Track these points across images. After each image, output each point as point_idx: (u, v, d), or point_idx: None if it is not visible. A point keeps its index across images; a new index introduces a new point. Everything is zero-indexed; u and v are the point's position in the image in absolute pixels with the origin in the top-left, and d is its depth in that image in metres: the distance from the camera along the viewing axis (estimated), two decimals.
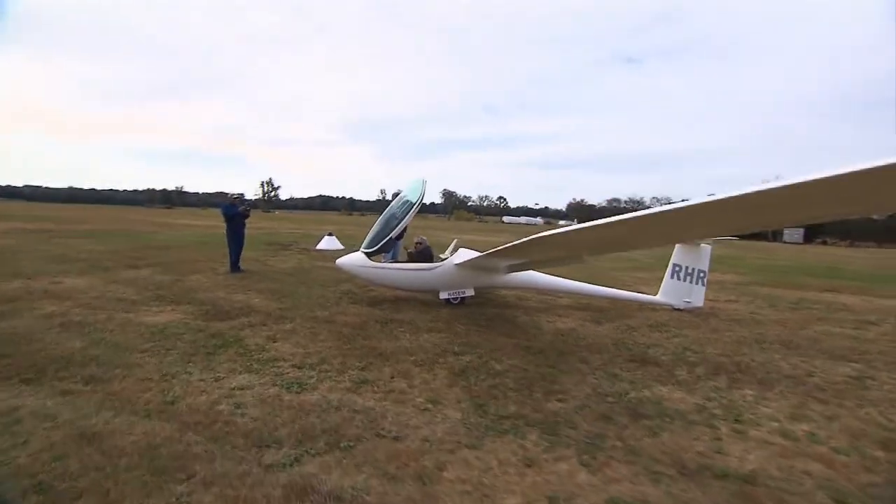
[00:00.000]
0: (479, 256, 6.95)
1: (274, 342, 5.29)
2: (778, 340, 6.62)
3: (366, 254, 7.72)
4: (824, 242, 66.15)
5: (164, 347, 4.89)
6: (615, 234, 4.69)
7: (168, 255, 12.60)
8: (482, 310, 7.71)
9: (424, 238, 7.94)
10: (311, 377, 4.33)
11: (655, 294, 8.42)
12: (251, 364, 4.56)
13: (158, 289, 7.87)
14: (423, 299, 8.17)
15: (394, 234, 7.68)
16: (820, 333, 7.22)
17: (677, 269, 8.35)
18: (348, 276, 9.29)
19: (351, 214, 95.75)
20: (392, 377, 4.48)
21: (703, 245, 8.44)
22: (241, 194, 12.04)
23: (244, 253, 10.69)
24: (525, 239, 4.95)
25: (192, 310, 6.56)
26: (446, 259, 7.76)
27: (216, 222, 34.22)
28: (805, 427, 3.93)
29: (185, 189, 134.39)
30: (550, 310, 8.08)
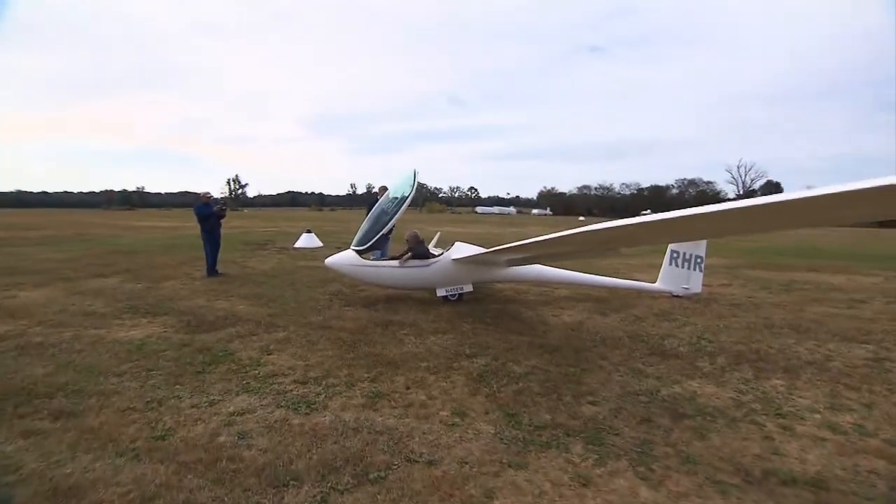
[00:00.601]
0: (498, 249, 6.39)
1: (269, 354, 4.78)
2: (785, 325, 6.53)
3: (357, 252, 7.24)
4: None
5: (144, 368, 4.31)
6: (674, 228, 4.32)
7: (136, 260, 11.66)
8: (483, 306, 7.36)
9: (416, 232, 7.50)
10: (319, 394, 3.87)
11: (653, 281, 8.27)
12: (248, 382, 4.06)
13: (130, 299, 7.16)
14: (418, 297, 7.76)
15: (385, 230, 7.22)
16: (821, 315, 7.19)
17: (675, 255, 8.20)
18: (336, 276, 8.80)
19: (321, 210, 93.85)
20: (407, 388, 4.07)
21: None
22: (218, 198, 11.23)
23: (220, 254, 9.99)
24: (574, 231, 4.36)
25: (172, 321, 5.94)
26: (442, 254, 7.36)
27: (184, 223, 32.94)
28: (848, 418, 3.75)
29: (147, 189, 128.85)
30: (552, 302, 7.80)
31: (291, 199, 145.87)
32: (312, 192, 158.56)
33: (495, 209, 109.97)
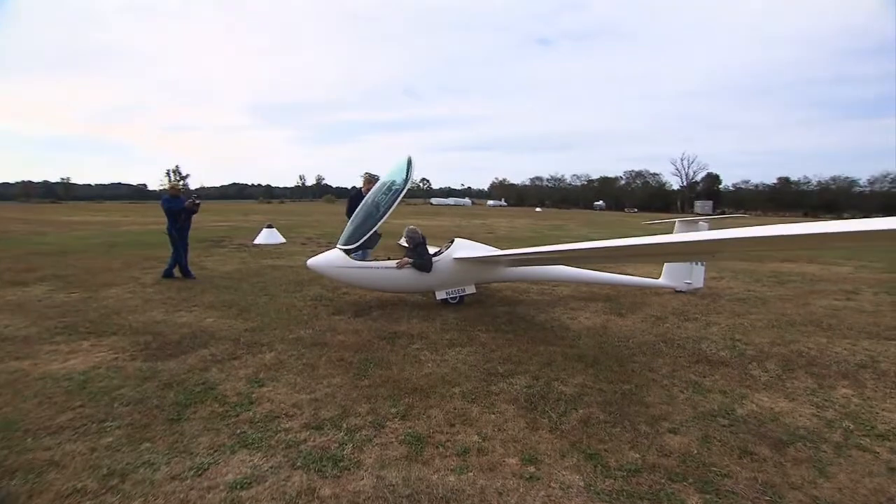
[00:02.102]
0: (542, 252, 5.57)
1: (261, 386, 3.78)
2: (806, 321, 6.26)
3: (346, 251, 6.28)
4: (723, 212, 72.77)
5: (93, 419, 3.18)
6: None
7: (66, 263, 9.80)
8: (490, 309, 6.61)
9: (416, 228, 6.62)
10: (343, 443, 2.97)
11: (654, 276, 7.89)
12: (244, 431, 3.08)
13: (64, 315, 5.78)
14: (414, 301, 6.90)
15: (377, 226, 6.30)
16: (829, 309, 7.03)
17: None
18: (313, 277, 7.78)
19: (270, 202, 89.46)
20: (451, 425, 3.26)
21: (700, 223, 8.01)
22: (191, 190, 9.70)
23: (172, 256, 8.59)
24: (655, 241, 3.70)
25: (124, 344, 4.74)
26: (440, 252, 6.54)
27: (123, 217, 29.70)
28: None
29: (73, 181, 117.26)
30: (559, 303, 7.18)
31: (238, 191, 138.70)
32: (259, 184, 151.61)
33: (450, 200, 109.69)
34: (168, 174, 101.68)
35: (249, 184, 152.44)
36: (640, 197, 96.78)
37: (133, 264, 9.70)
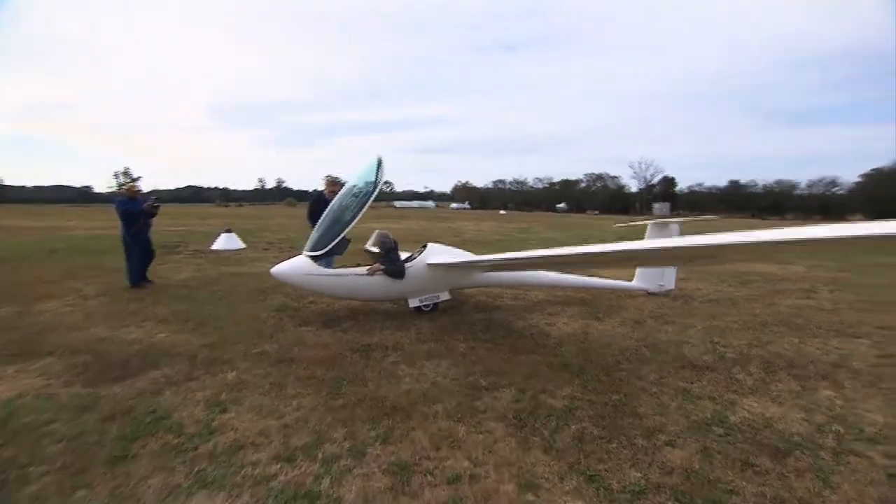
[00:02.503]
0: (536, 256, 5.41)
1: (222, 411, 3.37)
2: (776, 321, 6.35)
3: (312, 258, 5.88)
4: (680, 214, 75.86)
5: (15, 463, 2.68)
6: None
7: None
8: (465, 316, 6.36)
9: (387, 233, 6.29)
10: (319, 476, 2.63)
11: (627, 279, 7.88)
12: (203, 468, 2.67)
13: None
14: (385, 310, 6.57)
15: (346, 231, 5.92)
16: (795, 308, 7.20)
17: None
18: (276, 285, 7.31)
19: (228, 206, 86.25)
20: (437, 448, 2.97)
21: (672, 225, 8.06)
22: (148, 193, 8.94)
23: (127, 264, 7.89)
24: (658, 245, 3.58)
25: (59, 367, 4.16)
26: (413, 258, 6.24)
27: (65, 222, 27.51)
28: None
29: (6, 182, 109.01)
30: (535, 308, 7.01)
31: (193, 194, 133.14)
32: (217, 187, 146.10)
33: (414, 203, 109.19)
34: (116, 176, 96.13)
35: (206, 186, 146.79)
36: (601, 199, 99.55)
37: (75, 273, 8.85)
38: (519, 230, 27.16)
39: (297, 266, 5.84)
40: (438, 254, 6.27)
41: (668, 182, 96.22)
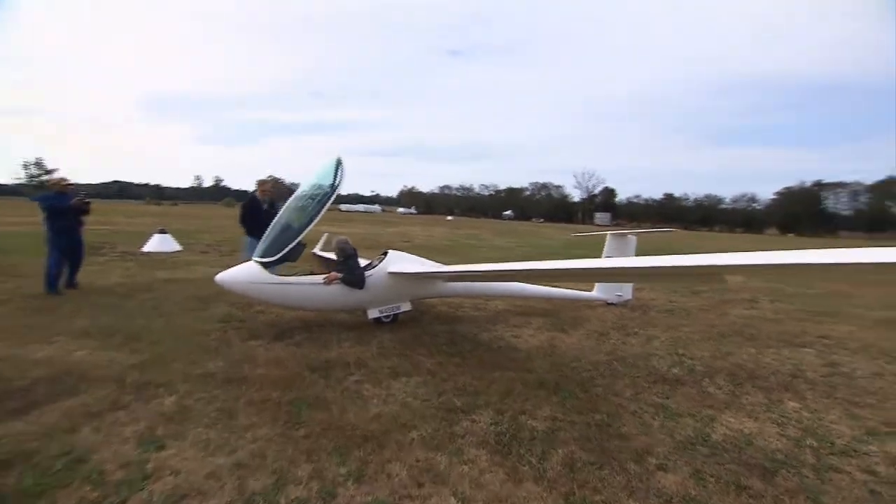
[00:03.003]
0: (534, 268, 5.16)
1: (159, 449, 2.82)
2: (732, 332, 6.54)
3: (264, 265, 5.33)
4: (620, 224, 79.80)
5: None
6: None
7: None
8: (427, 328, 6.03)
9: (346, 239, 5.85)
10: None
11: (586, 289, 7.90)
12: None
13: None
14: (339, 319, 6.11)
15: (302, 236, 5.43)
16: (745, 319, 7.49)
17: None
18: (220, 292, 6.63)
19: (160, 204, 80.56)
20: (419, 484, 2.63)
21: (629, 236, 8.19)
22: (78, 186, 7.87)
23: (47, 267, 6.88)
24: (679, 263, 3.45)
25: None
26: (373, 266, 5.86)
27: None
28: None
29: None
30: (498, 319, 6.82)
31: (120, 190, 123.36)
32: (147, 184, 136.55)
33: (360, 207, 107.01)
34: (26, 167, 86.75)
35: (135, 182, 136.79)
36: (545, 208, 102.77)
37: None
38: (468, 236, 27.19)
39: (246, 273, 5.27)
40: (400, 262, 5.91)
41: (609, 193, 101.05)
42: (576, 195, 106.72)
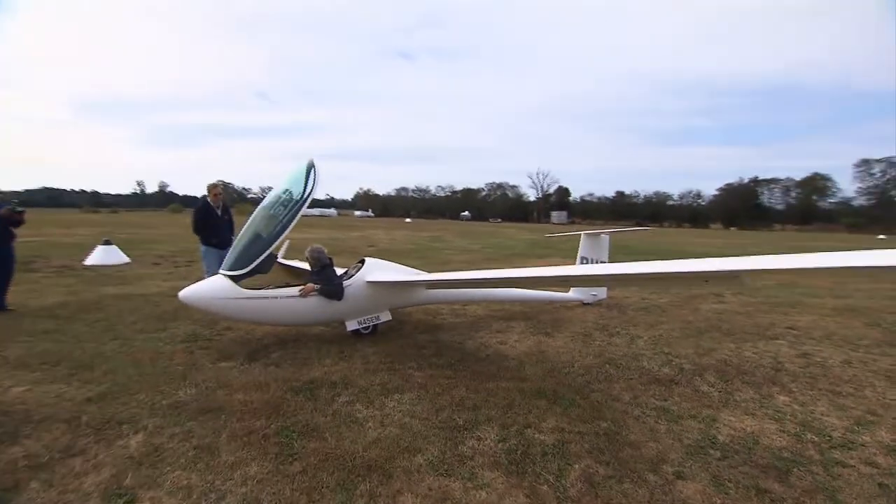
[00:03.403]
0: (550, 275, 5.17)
1: (131, 502, 2.44)
2: (709, 327, 6.64)
3: (233, 278, 4.91)
4: (575, 222, 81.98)
5: None
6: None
7: None
8: (409, 339, 5.77)
9: (322, 247, 5.49)
10: None
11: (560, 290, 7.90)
12: None
13: None
14: (315, 333, 5.76)
15: (273, 246, 5.05)
16: (716, 313, 7.66)
17: (584, 262, 7.98)
18: (179, 308, 6.14)
19: (99, 211, 75.35)
20: None
21: (603, 235, 8.26)
22: (10, 196, 7.05)
23: None
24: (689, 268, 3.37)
25: None
26: (348, 275, 5.55)
27: None
28: (885, 433, 3.53)
29: None
30: (478, 325, 6.65)
31: (50, 198, 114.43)
32: (83, 190, 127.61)
33: (315, 211, 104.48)
34: None
35: (67, 189, 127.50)
36: (501, 208, 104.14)
37: None
38: (431, 239, 26.97)
39: (214, 288, 4.83)
40: (379, 270, 5.63)
41: (564, 192, 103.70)
42: (531, 195, 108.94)
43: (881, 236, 46.58)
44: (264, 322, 5.30)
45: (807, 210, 78.69)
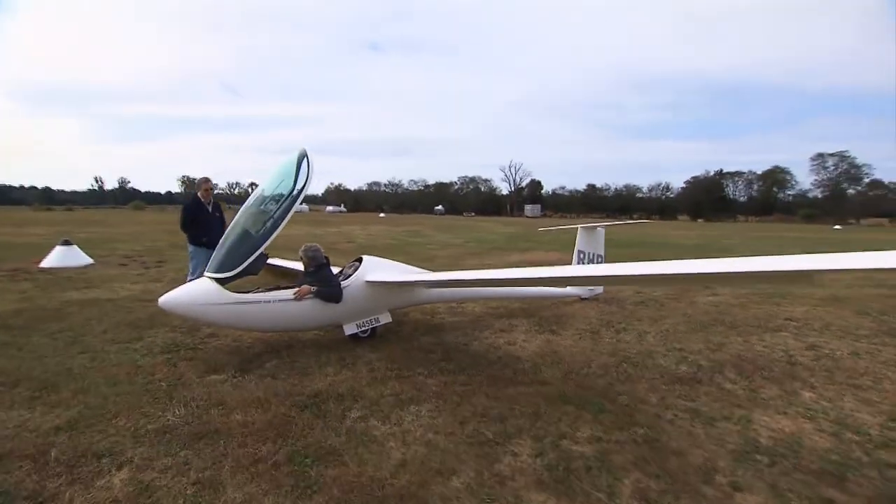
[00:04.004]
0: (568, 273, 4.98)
1: None
2: (712, 321, 6.53)
3: (220, 281, 4.43)
4: (548, 216, 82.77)
5: None
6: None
7: None
8: (412, 343, 5.40)
9: (317, 246, 5.06)
10: None
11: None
12: None
13: None
14: (306, 338, 5.33)
15: (265, 245, 4.59)
16: (713, 306, 7.58)
17: (581, 256, 7.80)
18: (155, 313, 5.63)
19: (52, 209, 71.22)
20: None
21: (599, 229, 8.11)
22: None
23: None
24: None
25: None
26: (345, 275, 5.15)
27: None
28: None
29: None
30: (479, 324, 6.34)
31: None
32: (34, 186, 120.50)
33: None
34: None
35: (15, 185, 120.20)
36: (474, 202, 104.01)
37: None
38: (409, 233, 26.47)
39: (199, 292, 4.34)
40: (378, 269, 5.24)
41: (536, 185, 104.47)
42: (504, 188, 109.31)
43: (836, 227, 48.90)
44: (256, 328, 4.85)
45: (767, 202, 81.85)
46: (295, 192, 4.67)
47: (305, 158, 4.79)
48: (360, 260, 5.39)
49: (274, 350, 4.89)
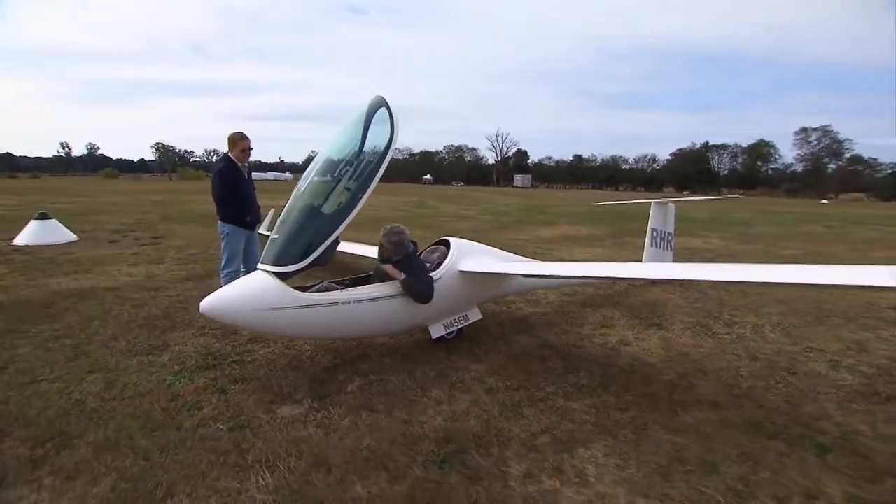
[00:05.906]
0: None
1: None
2: (819, 311, 5.62)
3: (282, 276, 3.30)
4: (535, 186, 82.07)
5: None
6: None
7: None
8: (511, 346, 4.38)
9: (403, 228, 3.94)
10: None
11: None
12: None
13: None
14: (369, 341, 4.25)
15: (343, 226, 3.42)
16: (807, 293, 6.60)
17: (654, 234, 6.95)
18: (172, 303, 4.55)
19: (16, 177, 66.81)
20: None
21: (670, 205, 7.21)
22: None
23: None
24: None
25: None
26: (439, 265, 4.06)
27: None
28: None
29: None
30: (566, 316, 5.34)
31: None
32: None
33: (270, 175, 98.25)
34: None
35: None
36: (460, 171, 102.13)
37: None
38: (414, 204, 25.05)
39: (259, 294, 3.19)
40: (471, 256, 4.20)
41: (522, 155, 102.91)
42: (490, 158, 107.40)
43: (824, 201, 49.31)
44: (328, 337, 3.79)
45: (751, 175, 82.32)
46: (382, 152, 3.49)
47: (384, 105, 3.59)
48: (443, 243, 4.33)
49: (345, 362, 3.83)
